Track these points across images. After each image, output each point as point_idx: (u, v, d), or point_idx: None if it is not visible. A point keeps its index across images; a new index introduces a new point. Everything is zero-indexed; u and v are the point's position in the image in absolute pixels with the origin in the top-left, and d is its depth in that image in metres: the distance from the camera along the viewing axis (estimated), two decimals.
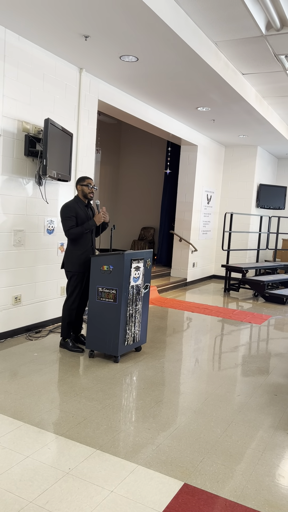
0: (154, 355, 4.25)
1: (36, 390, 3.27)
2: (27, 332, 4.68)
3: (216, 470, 2.37)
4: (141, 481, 2.24)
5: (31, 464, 2.33)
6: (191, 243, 8.46)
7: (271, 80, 5.66)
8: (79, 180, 4.17)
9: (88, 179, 4.16)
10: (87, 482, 2.20)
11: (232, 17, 3.98)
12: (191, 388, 3.50)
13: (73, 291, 4.14)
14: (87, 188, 4.14)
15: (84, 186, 4.14)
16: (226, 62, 4.99)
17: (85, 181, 4.14)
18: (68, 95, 4.89)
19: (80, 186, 4.15)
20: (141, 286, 4.09)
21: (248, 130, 7.63)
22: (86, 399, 3.15)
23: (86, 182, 4.14)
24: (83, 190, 4.15)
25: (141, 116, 6.26)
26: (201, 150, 8.40)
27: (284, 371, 4.05)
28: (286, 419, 3.06)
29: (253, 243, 9.71)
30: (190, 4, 3.82)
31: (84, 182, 4.14)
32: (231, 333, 5.27)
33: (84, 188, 4.14)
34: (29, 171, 4.45)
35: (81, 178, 4.17)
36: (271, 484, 2.28)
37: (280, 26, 4.11)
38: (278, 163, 10.56)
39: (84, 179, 4.15)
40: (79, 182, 4.16)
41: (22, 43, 4.17)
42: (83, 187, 4.15)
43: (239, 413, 3.10)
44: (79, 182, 4.16)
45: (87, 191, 4.15)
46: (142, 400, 3.20)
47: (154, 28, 3.74)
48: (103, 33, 3.94)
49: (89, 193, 4.15)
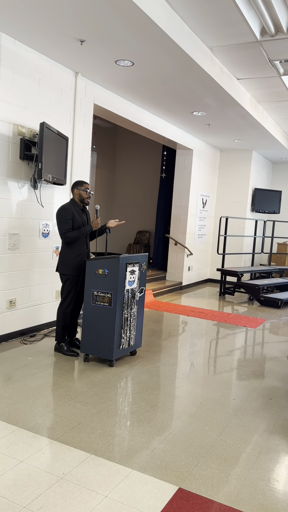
0: (149, 359, 4.24)
1: (30, 394, 3.25)
2: (22, 336, 4.66)
3: (210, 475, 2.37)
4: (136, 485, 2.23)
5: (25, 469, 2.31)
6: (186, 247, 8.47)
7: (266, 85, 5.70)
8: (76, 184, 4.15)
9: (86, 183, 4.15)
10: (81, 487, 2.19)
11: (227, 22, 4.01)
12: (186, 392, 3.50)
13: (67, 295, 4.13)
14: (85, 193, 4.13)
15: (82, 191, 4.12)
16: (221, 67, 5.02)
17: (83, 185, 4.13)
18: (64, 99, 4.90)
19: (78, 190, 4.13)
20: (136, 290, 4.09)
21: (243, 135, 7.67)
22: (80, 404, 3.14)
23: (84, 187, 4.13)
24: (81, 195, 4.14)
25: (136, 120, 6.28)
26: (196, 154, 8.44)
27: (279, 374, 4.05)
28: (281, 423, 3.06)
29: (248, 247, 9.74)
30: (185, 10, 3.85)
31: (82, 187, 4.13)
32: (226, 337, 5.27)
33: (81, 193, 4.13)
34: (24, 174, 4.44)
35: (79, 182, 4.16)
36: (265, 488, 2.28)
37: (274, 32, 4.14)
38: (273, 167, 10.61)
39: (82, 184, 4.14)
40: (76, 186, 4.15)
41: (18, 47, 4.18)
42: (80, 192, 4.13)
43: (234, 417, 3.10)
44: (76, 186, 4.15)
45: (84, 196, 4.14)
46: (137, 404, 3.20)
47: (150, 33, 3.76)
48: (99, 38, 3.95)
49: (86, 198, 4.15)
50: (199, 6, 3.76)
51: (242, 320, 6.25)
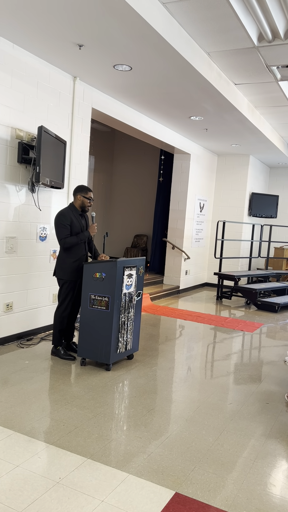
0: (146, 363, 4.23)
1: (27, 398, 3.24)
2: (19, 339, 4.65)
3: (207, 479, 2.37)
4: (132, 490, 2.22)
5: (21, 473, 2.30)
6: (184, 250, 8.48)
7: (263, 91, 5.73)
8: (80, 189, 4.09)
9: (90, 191, 4.10)
10: (78, 491, 2.18)
11: (224, 28, 4.04)
12: (183, 396, 3.49)
13: (64, 299, 4.13)
14: (87, 202, 4.09)
15: (85, 198, 4.08)
16: (218, 72, 5.05)
17: (88, 193, 4.08)
18: (62, 103, 4.91)
19: (81, 197, 4.08)
20: (133, 293, 4.09)
21: (240, 140, 7.70)
22: (77, 408, 3.13)
23: (88, 195, 4.08)
24: (83, 202, 4.09)
25: (134, 124, 6.30)
26: (194, 159, 8.46)
27: (276, 379, 4.06)
28: (278, 427, 3.06)
29: (246, 251, 9.76)
30: (183, 16, 3.87)
31: (86, 195, 4.08)
32: (223, 341, 5.27)
33: (84, 200, 4.09)
34: (22, 178, 4.45)
35: (83, 188, 4.10)
36: (262, 493, 2.28)
37: (271, 38, 4.17)
38: (270, 172, 10.66)
39: (86, 191, 4.08)
40: (80, 191, 4.09)
41: (17, 51, 4.19)
42: (83, 199, 4.08)
43: (231, 421, 3.10)
44: (80, 191, 4.09)
45: (86, 204, 4.10)
46: (134, 409, 3.19)
47: (148, 38, 3.78)
48: (97, 43, 3.97)
49: (87, 206, 4.13)
50: (197, 12, 3.79)
51: (239, 324, 6.26)
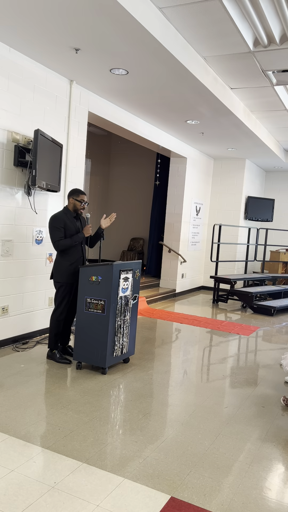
0: (142, 367, 4.23)
1: (22, 402, 3.23)
2: (14, 343, 4.63)
3: (203, 483, 2.36)
4: (128, 494, 2.22)
5: (16, 478, 2.29)
6: (180, 254, 8.49)
7: (259, 95, 5.76)
8: (72, 193, 4.11)
9: (82, 194, 4.10)
10: (73, 496, 2.17)
11: (221, 33, 4.07)
12: (179, 400, 3.49)
13: (61, 302, 4.12)
14: (80, 204, 4.09)
15: (77, 201, 4.08)
16: (215, 76, 5.07)
17: (79, 196, 4.08)
18: (59, 107, 4.92)
19: (73, 200, 4.09)
20: (129, 297, 4.09)
21: (236, 143, 7.73)
22: (73, 412, 3.12)
23: (80, 198, 4.08)
24: (75, 205, 4.10)
25: (131, 128, 6.32)
26: (190, 163, 8.49)
27: (271, 382, 4.06)
28: (274, 431, 3.06)
29: (242, 255, 9.78)
30: (180, 21, 3.89)
31: (78, 198, 4.08)
32: (220, 345, 5.28)
33: (76, 203, 4.09)
34: (18, 181, 4.44)
35: (76, 191, 4.11)
36: (258, 497, 2.27)
37: (267, 43, 4.20)
38: (266, 176, 10.70)
39: (78, 194, 4.09)
40: (72, 194, 4.10)
41: (13, 55, 4.20)
42: (75, 202, 4.09)
43: (226, 425, 3.10)
44: (72, 194, 4.10)
45: (78, 207, 4.10)
46: (130, 413, 3.18)
47: (145, 42, 3.80)
48: (94, 47, 3.98)
49: (80, 209, 4.13)
50: (193, 17, 3.81)
51: (235, 327, 6.26)
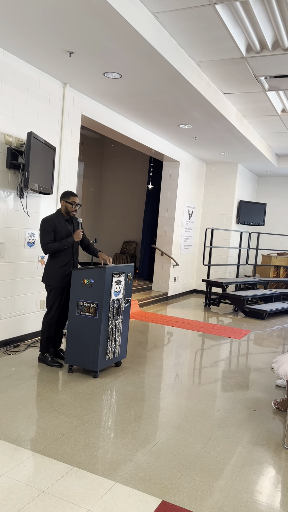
0: (134, 370, 4.22)
1: (13, 405, 3.20)
2: (5, 346, 4.60)
3: (194, 487, 2.36)
4: (119, 498, 2.21)
5: (6, 482, 2.27)
6: (172, 257, 8.50)
7: (251, 100, 5.81)
8: (64, 195, 4.09)
9: (74, 196, 4.08)
10: (64, 500, 2.16)
11: (214, 39, 4.10)
12: (170, 404, 3.48)
13: (52, 305, 4.10)
14: (71, 207, 4.08)
15: (68, 203, 4.07)
16: (208, 81, 5.11)
17: (70, 198, 4.07)
18: (52, 109, 4.91)
19: (64, 202, 4.08)
20: (122, 300, 4.08)
21: (229, 148, 7.78)
22: (64, 415, 3.10)
23: (71, 200, 4.06)
24: (67, 207, 4.08)
25: (124, 131, 6.33)
26: (183, 166, 8.52)
27: (263, 386, 4.07)
28: (265, 434, 3.07)
29: (234, 259, 9.82)
30: (173, 25, 3.92)
31: (69, 200, 4.07)
32: (211, 348, 5.29)
33: (68, 205, 4.08)
34: (10, 183, 4.43)
35: (67, 193, 4.09)
36: (249, 500, 2.28)
37: (260, 48, 4.24)
38: (258, 180, 10.77)
39: (69, 196, 4.07)
40: (63, 197, 4.09)
41: (6, 57, 4.19)
42: (67, 204, 4.07)
43: (218, 428, 3.10)
44: (63, 197, 4.09)
45: (70, 209, 4.09)
46: (121, 416, 3.17)
47: (138, 47, 3.82)
48: (88, 50, 3.99)
49: (72, 211, 4.11)
50: (187, 22, 3.84)
51: (227, 331, 6.28)
